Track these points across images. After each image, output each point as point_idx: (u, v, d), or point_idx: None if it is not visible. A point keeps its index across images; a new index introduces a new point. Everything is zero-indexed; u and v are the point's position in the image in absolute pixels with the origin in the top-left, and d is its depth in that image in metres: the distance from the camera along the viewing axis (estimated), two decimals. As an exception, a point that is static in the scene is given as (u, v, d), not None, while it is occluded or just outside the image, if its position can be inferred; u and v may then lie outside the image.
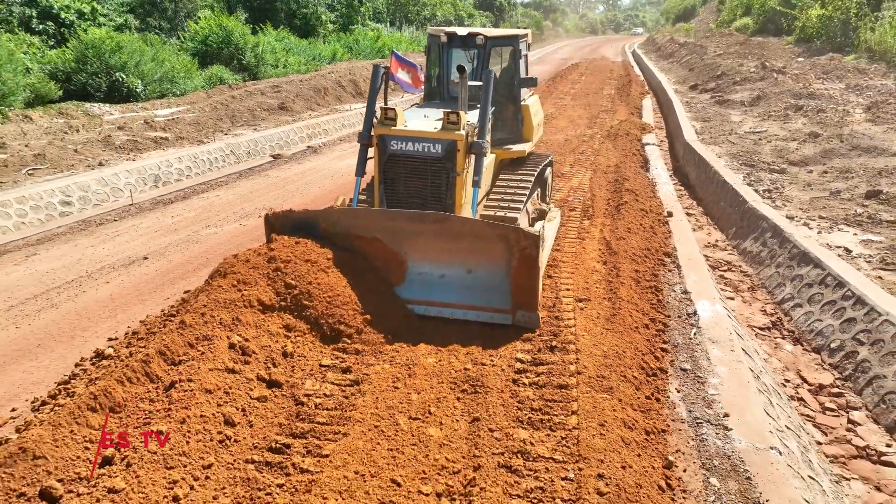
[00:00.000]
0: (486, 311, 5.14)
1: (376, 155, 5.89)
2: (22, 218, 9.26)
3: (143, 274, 6.90)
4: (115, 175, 11.09)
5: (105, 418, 3.49)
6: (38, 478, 3.07)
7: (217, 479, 3.29)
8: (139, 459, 3.25)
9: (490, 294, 5.12)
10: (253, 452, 3.52)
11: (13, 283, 6.70)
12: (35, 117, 15.22)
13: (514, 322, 5.07)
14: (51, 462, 3.15)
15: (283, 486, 3.24)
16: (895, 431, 4.74)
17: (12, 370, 4.97)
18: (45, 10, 23.62)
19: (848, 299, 5.98)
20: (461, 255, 5.18)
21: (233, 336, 4.36)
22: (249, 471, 3.37)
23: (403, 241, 5.26)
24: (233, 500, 3.17)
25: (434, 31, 7.08)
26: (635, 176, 9.87)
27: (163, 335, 4.25)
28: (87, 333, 5.55)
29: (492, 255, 5.07)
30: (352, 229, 5.32)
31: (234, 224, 8.65)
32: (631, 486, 3.28)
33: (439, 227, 5.14)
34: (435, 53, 7.16)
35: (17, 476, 3.03)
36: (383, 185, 5.95)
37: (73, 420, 3.37)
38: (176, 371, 3.90)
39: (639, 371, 4.49)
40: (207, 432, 3.54)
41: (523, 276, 4.97)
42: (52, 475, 3.11)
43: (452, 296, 5.21)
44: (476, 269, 5.18)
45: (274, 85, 20.99)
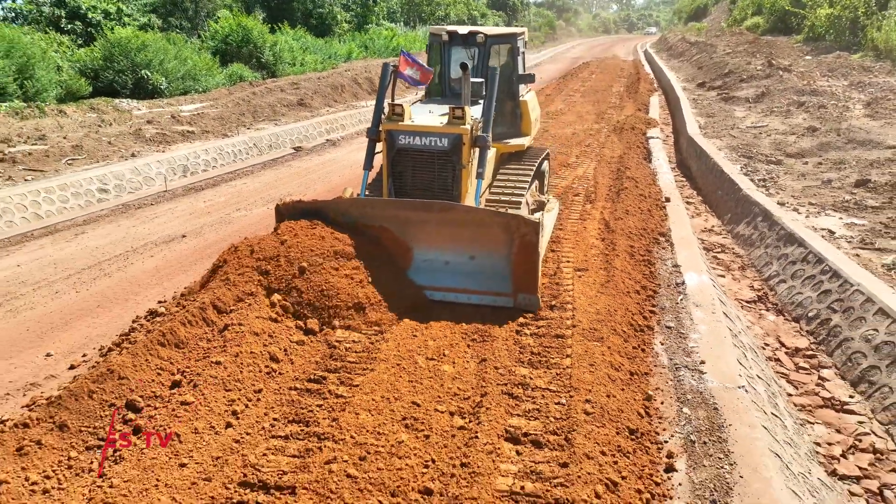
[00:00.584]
0: (488, 295, 5.38)
1: (385, 149, 6.11)
2: (64, 203, 10.01)
3: (182, 249, 7.61)
4: (147, 165, 11.82)
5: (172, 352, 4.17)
6: (124, 393, 3.75)
7: (266, 401, 3.95)
8: (203, 382, 3.92)
9: (492, 279, 5.36)
10: (295, 382, 4.18)
11: (67, 256, 7.43)
12: (69, 112, 16.04)
13: (516, 305, 5.32)
14: (132, 382, 3.82)
15: (321, 406, 3.89)
16: (858, 385, 5.31)
17: (78, 326, 5.67)
18: (74, 11, 24.55)
19: (825, 273, 6.54)
20: (465, 242, 5.41)
21: (271, 296, 5.02)
22: (293, 395, 4.02)
23: (409, 230, 5.48)
24: (280, 415, 3.82)
25: (436, 30, 7.29)
26: (637, 166, 10.45)
27: (213, 289, 4.92)
28: (139, 297, 6.25)
29: (494, 242, 5.30)
30: (360, 218, 5.54)
31: (262, 208, 9.34)
32: (613, 410, 3.90)
33: (444, 215, 5.36)
34: (436, 51, 7.34)
35: (107, 390, 3.70)
36: (391, 178, 6.15)
37: (146, 351, 4.04)
38: (228, 317, 4.57)
39: (628, 327, 5.10)
40: (256, 365, 4.21)
41: (524, 261, 5.21)
42: (134, 392, 3.78)
43: (456, 281, 5.45)
44: (479, 256, 5.42)
45: (293, 82, 21.73)
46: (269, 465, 3.37)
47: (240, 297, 4.82)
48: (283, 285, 5.03)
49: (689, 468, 3.61)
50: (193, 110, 17.33)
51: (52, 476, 3.20)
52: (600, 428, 3.69)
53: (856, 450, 4.65)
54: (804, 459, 4.24)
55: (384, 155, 6.15)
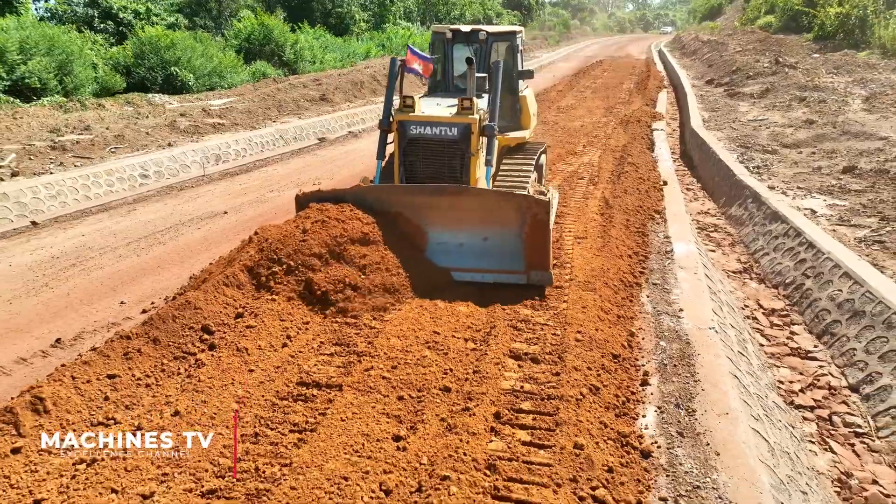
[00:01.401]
0: (502, 273, 5.61)
1: (396, 139, 6.34)
2: (110, 187, 10.96)
3: (225, 223, 8.50)
4: (184, 153, 12.76)
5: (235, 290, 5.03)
6: (199, 320, 4.61)
7: (313, 330, 4.80)
8: (262, 314, 4.78)
9: (505, 258, 5.58)
10: (336, 318, 5.02)
11: (124, 228, 8.35)
12: (108, 105, 17.08)
13: (529, 281, 5.55)
14: (204, 312, 4.68)
15: (358, 334, 4.73)
16: (822, 337, 6.06)
17: (143, 282, 6.57)
18: (106, 10, 25.70)
19: (802, 245, 7.27)
20: (478, 224, 5.61)
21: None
22: (334, 326, 4.86)
23: (424, 214, 5.69)
24: (326, 339, 4.67)
25: (439, 29, 7.55)
26: (640, 154, 11.19)
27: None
28: (192, 260, 7.13)
29: (506, 222, 5.50)
30: (377, 204, 5.75)
31: (293, 189, 10.19)
32: (600, 340, 4.70)
33: (457, 199, 5.57)
34: (440, 49, 7.56)
35: (186, 317, 4.57)
36: (403, 166, 6.37)
37: (214, 290, 4.90)
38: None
39: (619, 282, 5.88)
40: (302, 306, 5.05)
41: (535, 240, 5.43)
42: (207, 319, 4.64)
43: (471, 261, 5.66)
44: (492, 236, 5.62)
45: (315, 78, 22.66)
46: (319, 371, 4.21)
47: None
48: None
49: (661, 383, 4.40)
50: (222, 104, 18.30)
51: (150, 375, 4.07)
52: (588, 352, 4.49)
53: (813, 387, 5.41)
54: (764, 388, 5.00)
55: (396, 145, 6.40)
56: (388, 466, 3.27)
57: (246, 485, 3.15)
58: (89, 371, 3.91)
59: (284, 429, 3.61)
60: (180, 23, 28.19)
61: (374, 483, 3.14)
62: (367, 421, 3.63)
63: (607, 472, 3.39)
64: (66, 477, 3.20)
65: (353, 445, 3.41)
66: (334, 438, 3.45)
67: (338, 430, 3.52)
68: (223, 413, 3.71)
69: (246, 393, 3.90)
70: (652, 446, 3.71)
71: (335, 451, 3.35)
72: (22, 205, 9.43)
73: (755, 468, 3.56)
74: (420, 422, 3.65)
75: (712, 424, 3.93)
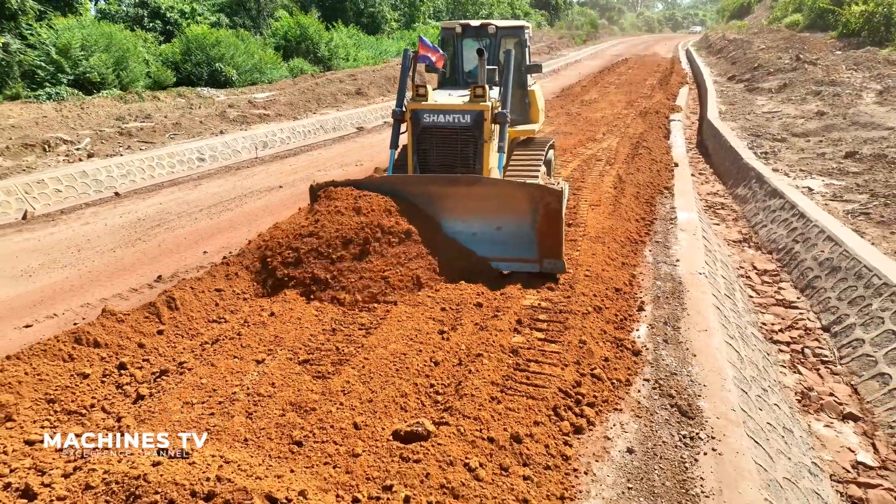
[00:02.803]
0: (515, 262, 5.68)
1: (409, 128, 6.39)
2: (172, 168, 12.22)
3: (282, 194, 9.66)
4: (234, 140, 14.00)
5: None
6: (261, 254, 5.71)
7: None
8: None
9: (518, 246, 5.63)
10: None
11: (194, 198, 9.56)
12: (162, 97, 18.48)
13: (541, 269, 5.62)
14: (267, 249, 5.79)
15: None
16: (805, 290, 6.94)
17: (219, 237, 7.73)
18: (154, 10, 27.24)
19: (795, 216, 8.14)
20: (491, 213, 5.65)
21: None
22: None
23: (438, 204, 5.76)
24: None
25: (448, 24, 7.69)
26: (655, 141, 12.08)
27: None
28: (258, 223, 8.27)
29: (519, 212, 5.55)
30: (392, 194, 5.80)
31: (337, 170, 11.36)
32: (605, 278, 5.68)
33: (470, 189, 5.63)
34: (450, 44, 7.67)
35: (251, 252, 5.67)
36: (416, 154, 6.43)
37: (285, 235, 6.01)
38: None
39: (625, 239, 6.85)
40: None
41: (548, 228, 5.48)
42: (280, 256, 5.75)
43: (485, 250, 5.71)
44: (505, 225, 5.65)
45: (350, 74, 23.87)
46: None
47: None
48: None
49: (654, 309, 5.37)
50: (266, 97, 19.59)
51: (246, 291, 5.18)
52: (595, 284, 5.49)
53: (792, 328, 6.32)
54: (744, 323, 5.94)
55: (409, 133, 6.45)
56: (435, 349, 4.32)
57: (329, 357, 4.23)
58: (202, 285, 5.05)
59: (354, 327, 4.68)
60: (222, 22, 29.68)
61: (426, 357, 4.20)
62: (417, 323, 4.69)
63: (604, 361, 4.39)
64: (197, 351, 4.32)
65: (408, 335, 4.46)
66: (394, 331, 4.51)
67: (396, 327, 4.58)
68: (307, 316, 4.80)
69: (321, 303, 4.99)
70: (642, 348, 4.69)
71: (395, 338, 4.41)
72: (99, 182, 10.71)
73: (723, 366, 4.52)
74: (458, 324, 4.69)
75: (692, 337, 4.90)
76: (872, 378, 5.24)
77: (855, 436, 4.72)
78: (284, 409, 3.58)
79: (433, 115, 6.28)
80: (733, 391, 4.21)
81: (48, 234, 7.93)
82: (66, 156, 11.98)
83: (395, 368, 4.04)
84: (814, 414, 5.00)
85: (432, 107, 6.31)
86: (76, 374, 3.91)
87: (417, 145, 6.44)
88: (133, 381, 3.98)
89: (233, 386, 3.81)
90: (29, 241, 7.64)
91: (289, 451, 3.24)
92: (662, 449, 3.62)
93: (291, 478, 2.90)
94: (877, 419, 4.85)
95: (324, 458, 3.19)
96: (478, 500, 2.99)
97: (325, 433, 3.37)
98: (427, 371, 4.06)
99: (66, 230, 8.08)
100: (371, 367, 4.01)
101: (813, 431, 4.76)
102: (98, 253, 7.19)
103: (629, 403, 4.02)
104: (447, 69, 7.80)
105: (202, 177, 11.21)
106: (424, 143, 6.43)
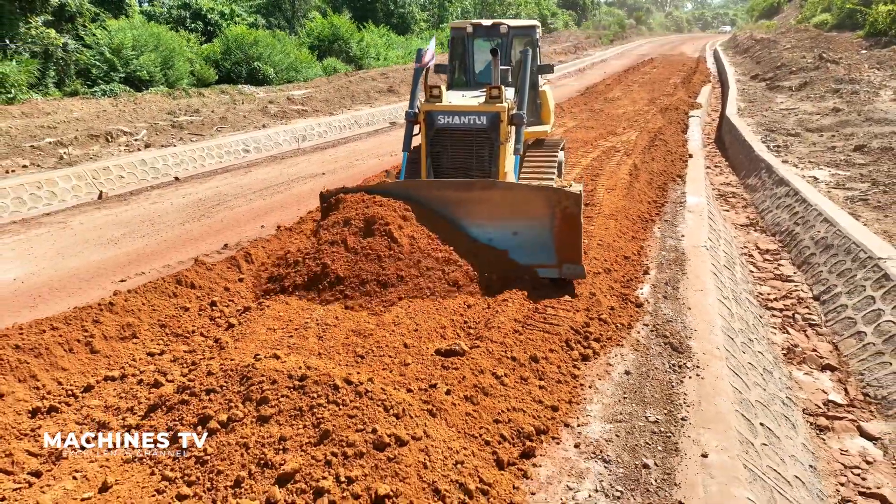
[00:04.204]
0: (533, 268, 5.46)
1: (423, 130, 6.23)
2: (220, 158, 13.28)
3: (325, 180, 10.62)
4: (276, 133, 15.04)
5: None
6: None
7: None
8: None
9: (536, 252, 5.44)
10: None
11: (246, 183, 10.57)
12: (206, 94, 19.67)
13: (561, 275, 5.39)
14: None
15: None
16: (801, 266, 7.64)
17: (272, 215, 8.69)
18: (196, 12, 28.56)
19: (797, 201, 8.81)
20: (507, 218, 5.47)
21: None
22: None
23: (452, 209, 5.58)
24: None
25: (459, 24, 7.61)
26: (673, 135, 12.76)
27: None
28: (305, 203, 9.21)
29: (536, 216, 5.37)
30: (405, 199, 5.59)
31: (374, 159, 12.30)
32: (616, 247, 6.48)
33: (486, 193, 5.45)
34: (459, 45, 7.57)
35: (306, 221, 6.59)
36: (430, 157, 6.28)
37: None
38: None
39: (637, 217, 7.62)
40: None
41: (567, 233, 5.28)
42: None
43: None
44: (522, 231, 5.47)
45: (382, 73, 24.87)
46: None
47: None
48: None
49: (657, 273, 6.15)
50: (303, 94, 20.66)
51: (305, 242, 6.10)
52: (606, 252, 6.29)
53: (786, 298, 7.03)
54: (741, 290, 6.67)
55: (423, 135, 6.31)
56: (467, 296, 5.17)
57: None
58: (269, 246, 5.98)
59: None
60: (258, 22, 30.96)
61: (461, 302, 5.05)
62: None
63: (610, 309, 5.20)
64: (271, 295, 5.24)
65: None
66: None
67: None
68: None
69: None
70: (644, 302, 5.49)
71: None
72: (156, 169, 11.80)
73: (713, 318, 5.29)
74: (487, 283, 5.54)
75: (689, 295, 5.68)
76: (851, 336, 5.95)
77: (830, 382, 5.45)
78: (348, 335, 4.47)
79: (448, 116, 6.15)
80: (720, 336, 4.99)
81: (123, 210, 8.99)
82: (126, 146, 13.12)
83: (435, 309, 4.90)
84: (796, 365, 5.73)
85: (447, 108, 6.19)
86: (179, 307, 4.86)
87: (431, 148, 6.32)
88: (223, 315, 4.92)
89: (304, 318, 4.71)
90: (108, 216, 8.71)
91: (354, 361, 4.12)
92: (655, 373, 4.43)
93: (360, 371, 3.78)
94: (851, 369, 5.57)
95: (381, 366, 4.07)
96: (503, 397, 3.84)
97: (381, 350, 4.25)
98: (461, 311, 4.92)
99: (138, 208, 9.13)
100: (415, 308, 4.88)
101: (793, 377, 5.50)
102: (169, 226, 8.20)
103: (629, 341, 4.83)
104: (457, 70, 7.71)
105: (250, 165, 12.23)
106: (438, 146, 6.32)
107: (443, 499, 2.86)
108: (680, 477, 3.43)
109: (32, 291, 6.05)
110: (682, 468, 3.49)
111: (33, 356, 3.91)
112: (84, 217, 8.70)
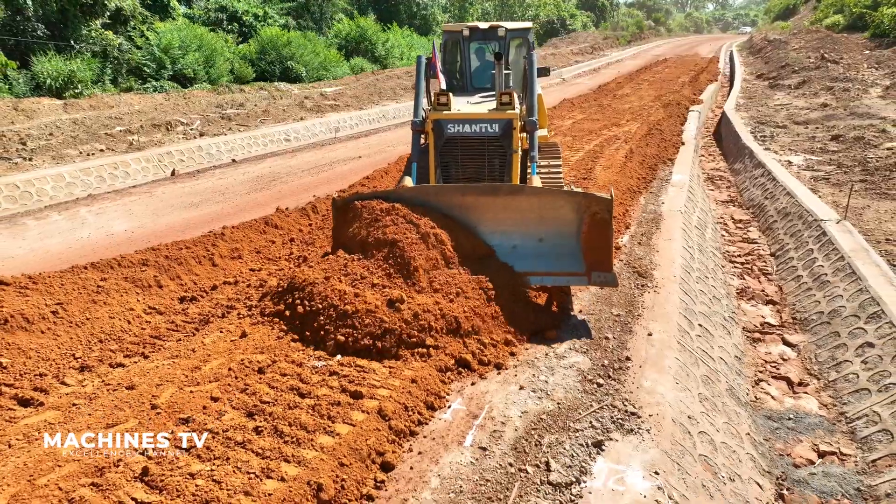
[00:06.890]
0: (561, 276, 5.21)
1: (432, 140, 5.96)
2: (265, 147, 14.99)
3: (363, 161, 12.26)
4: (313, 125, 16.72)
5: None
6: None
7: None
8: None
9: (563, 259, 5.20)
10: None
11: (294, 164, 12.26)
12: (247, 90, 21.47)
13: (591, 283, 5.14)
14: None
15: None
16: (765, 231, 9.09)
17: (321, 188, 10.32)
18: (232, 14, 30.44)
19: (769, 180, 10.25)
20: (532, 225, 5.23)
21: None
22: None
23: (474, 215, 5.27)
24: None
25: (453, 27, 7.37)
26: (670, 126, 14.20)
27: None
28: (347, 179, 10.84)
29: (563, 222, 5.13)
30: (424, 206, 5.29)
31: (403, 146, 13.91)
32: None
33: (510, 199, 5.17)
34: (454, 48, 7.30)
35: (357, 187, 8.21)
36: (440, 168, 6.03)
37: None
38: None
39: (626, 189, 9.13)
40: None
41: (596, 239, 5.01)
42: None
43: (527, 264, 5.26)
44: (547, 237, 5.23)
45: (406, 71, 26.52)
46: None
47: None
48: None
49: (636, 228, 7.67)
50: (334, 91, 22.38)
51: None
52: (596, 212, 7.80)
53: (748, 256, 8.49)
54: (707, 245, 8.15)
55: (431, 145, 6.05)
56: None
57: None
58: (327, 203, 7.61)
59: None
60: (289, 24, 32.82)
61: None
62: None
63: (594, 250, 6.72)
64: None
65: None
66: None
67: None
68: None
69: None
70: (622, 246, 7.01)
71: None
72: (211, 154, 13.53)
73: (675, 258, 6.79)
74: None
75: (659, 243, 7.19)
76: (792, 279, 7.42)
77: (770, 311, 6.93)
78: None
79: (458, 125, 5.88)
80: (678, 269, 6.50)
81: (195, 184, 10.71)
82: (183, 134, 14.89)
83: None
84: (746, 300, 7.22)
85: (457, 116, 5.91)
86: (268, 241, 6.50)
87: (440, 158, 6.07)
88: (301, 250, 6.53)
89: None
90: (184, 188, 10.43)
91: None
92: (622, 289, 5.96)
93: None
94: (787, 302, 7.05)
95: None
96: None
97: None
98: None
99: (206, 183, 10.84)
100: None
101: (741, 308, 6.99)
102: (237, 195, 9.89)
103: (606, 270, 6.35)
104: (452, 75, 7.51)
105: (295, 151, 13.93)
106: (448, 156, 6.08)
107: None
108: (630, 345, 4.97)
109: (142, 238, 7.74)
110: (633, 340, 5.03)
111: (177, 264, 5.57)
112: (164, 189, 10.43)
